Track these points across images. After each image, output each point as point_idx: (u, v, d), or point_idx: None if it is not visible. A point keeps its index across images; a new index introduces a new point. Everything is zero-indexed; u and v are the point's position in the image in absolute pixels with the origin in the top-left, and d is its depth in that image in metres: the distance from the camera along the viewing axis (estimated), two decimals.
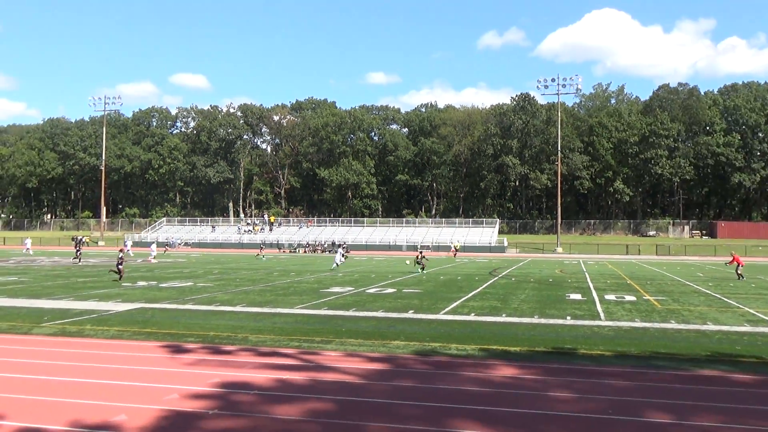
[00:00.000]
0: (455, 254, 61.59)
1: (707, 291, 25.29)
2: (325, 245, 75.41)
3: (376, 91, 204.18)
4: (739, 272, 32.72)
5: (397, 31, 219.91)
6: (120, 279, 26.56)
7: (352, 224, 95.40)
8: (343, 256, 42.05)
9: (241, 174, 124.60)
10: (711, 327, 15.23)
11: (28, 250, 57.21)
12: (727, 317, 17.12)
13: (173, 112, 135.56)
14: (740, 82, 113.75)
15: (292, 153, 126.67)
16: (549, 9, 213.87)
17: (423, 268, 35.41)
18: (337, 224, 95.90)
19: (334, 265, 38.24)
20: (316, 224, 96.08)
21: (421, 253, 38.58)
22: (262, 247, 60.95)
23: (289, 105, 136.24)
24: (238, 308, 17.93)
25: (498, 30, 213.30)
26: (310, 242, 78.35)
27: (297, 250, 73.72)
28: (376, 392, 8.67)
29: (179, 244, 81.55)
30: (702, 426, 7.25)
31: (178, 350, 11.48)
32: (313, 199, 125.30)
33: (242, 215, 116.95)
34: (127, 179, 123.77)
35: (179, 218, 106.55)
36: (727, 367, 10.57)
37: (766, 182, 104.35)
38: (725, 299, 21.97)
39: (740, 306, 19.83)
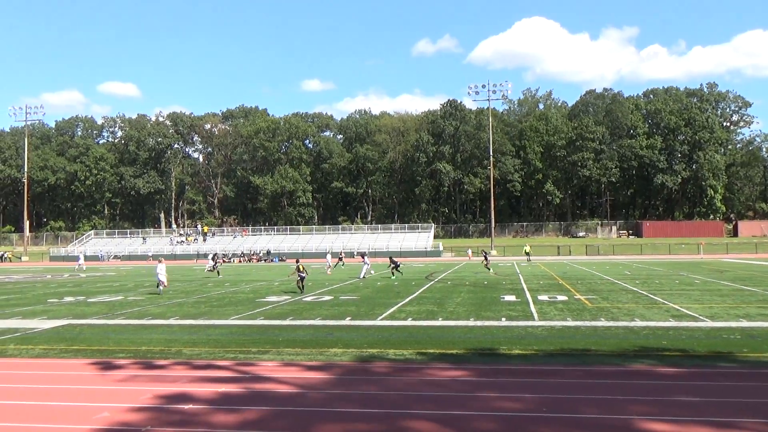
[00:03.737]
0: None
1: (634, 289, 26.20)
2: (261, 254, 74.51)
3: (310, 98, 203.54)
4: None
5: (332, 39, 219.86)
6: None
7: (288, 232, 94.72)
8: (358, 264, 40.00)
9: (173, 184, 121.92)
10: (638, 323, 15.78)
11: (81, 265, 53.68)
12: (654, 313, 17.77)
13: (99, 121, 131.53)
14: (661, 87, 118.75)
15: (225, 162, 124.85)
16: (481, 17, 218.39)
17: (396, 270, 36.85)
18: (273, 232, 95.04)
19: (361, 275, 36.47)
20: (251, 233, 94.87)
21: (391, 258, 39.10)
22: (216, 259, 47.66)
23: (220, 113, 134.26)
24: (171, 321, 17.48)
25: (431, 37, 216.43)
26: (245, 251, 77.25)
27: (232, 259, 72.53)
28: (315, 400, 8.60)
29: (109, 258, 78.99)
30: (631, 419, 7.49)
31: (109, 367, 11.10)
32: (248, 207, 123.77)
33: (174, 226, 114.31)
34: (52, 191, 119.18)
35: (108, 231, 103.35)
36: (653, 361, 10.97)
37: (687, 183, 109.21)
38: (651, 296, 22.81)
39: (665, 302, 20.62)
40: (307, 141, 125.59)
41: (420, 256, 75.48)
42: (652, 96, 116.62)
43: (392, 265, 37.20)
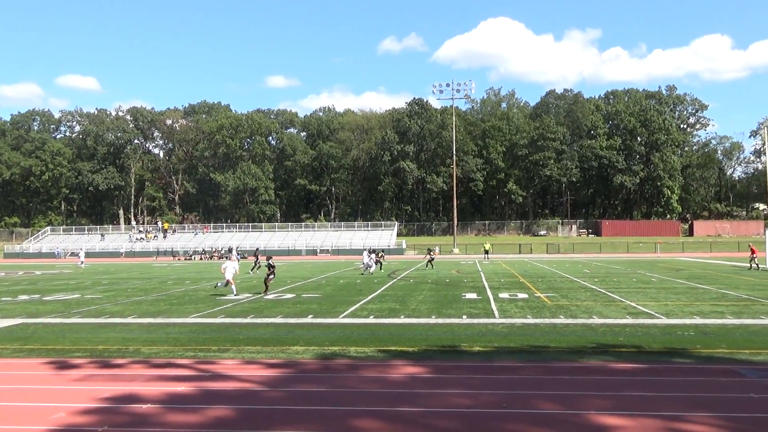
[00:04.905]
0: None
1: (593, 287, 26.66)
2: (222, 251, 73.77)
3: (275, 94, 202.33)
4: (755, 262, 38.41)
5: (298, 35, 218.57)
6: None
7: (250, 229, 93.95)
8: (376, 262, 39.60)
9: (132, 180, 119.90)
10: (596, 320, 16.07)
11: (81, 263, 51.49)
12: (611, 311, 18.12)
13: (57, 115, 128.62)
14: (621, 89, 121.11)
15: (187, 158, 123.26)
16: (446, 16, 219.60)
17: (381, 267, 39.92)
18: (235, 230, 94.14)
19: (367, 270, 37.38)
20: (212, 230, 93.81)
21: (377, 253, 40.48)
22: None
23: (182, 109, 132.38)
24: (129, 320, 17.20)
25: (397, 36, 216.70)
26: (206, 249, 76.38)
27: (193, 257, 71.66)
28: (276, 398, 8.56)
29: (66, 255, 77.34)
30: (587, 413, 7.63)
31: (64, 366, 10.87)
32: (209, 204, 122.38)
33: (134, 223, 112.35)
34: (6, 187, 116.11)
35: (65, 227, 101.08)
36: (610, 358, 11.18)
37: (645, 183, 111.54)
38: (609, 294, 23.24)
39: (623, 300, 21.03)
40: (271, 138, 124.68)
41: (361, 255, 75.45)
42: (612, 97, 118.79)
43: (429, 258, 42.82)
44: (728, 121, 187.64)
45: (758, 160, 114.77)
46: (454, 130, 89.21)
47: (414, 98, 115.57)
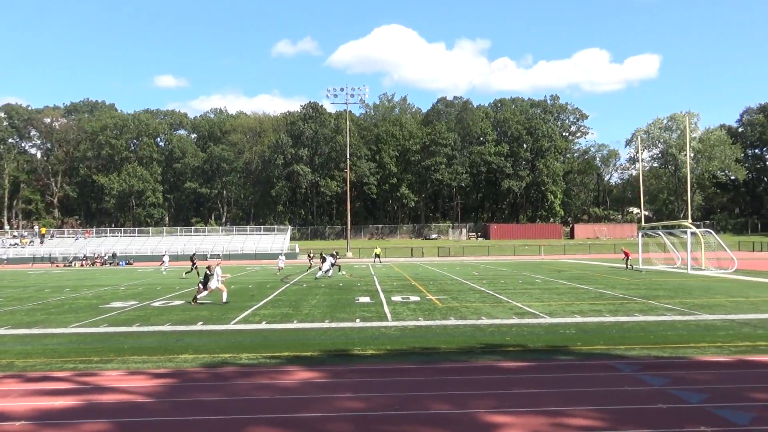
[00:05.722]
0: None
1: (482, 288, 27.49)
2: (106, 257, 70.39)
3: (163, 95, 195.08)
4: (629, 264, 40.38)
5: (188, 34, 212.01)
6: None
7: (136, 234, 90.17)
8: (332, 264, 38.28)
9: (6, 182, 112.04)
10: (485, 321, 16.58)
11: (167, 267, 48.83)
12: (499, 311, 18.76)
13: None
14: (508, 98, 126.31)
15: (67, 159, 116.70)
16: (341, 21, 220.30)
17: (339, 269, 40.30)
18: (120, 234, 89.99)
19: (321, 273, 36.74)
20: (94, 235, 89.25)
21: (332, 256, 38.61)
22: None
23: (62, 107, 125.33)
24: (1, 331, 16.05)
25: (291, 39, 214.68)
26: (87, 255, 72.59)
27: (73, 263, 67.91)
28: (162, 409, 8.24)
29: None
30: (476, 412, 7.86)
31: None
32: (92, 208, 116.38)
33: (7, 227, 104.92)
34: None
35: None
36: (498, 357, 11.57)
37: (531, 188, 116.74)
38: (497, 295, 24.05)
39: (510, 301, 21.83)
40: (159, 139, 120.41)
41: (276, 258, 74.63)
42: (500, 105, 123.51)
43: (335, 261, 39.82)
44: (606, 130, 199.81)
45: (632, 167, 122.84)
46: (348, 135, 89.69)
47: (308, 102, 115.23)
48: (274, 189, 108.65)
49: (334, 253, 40.71)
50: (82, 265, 66.38)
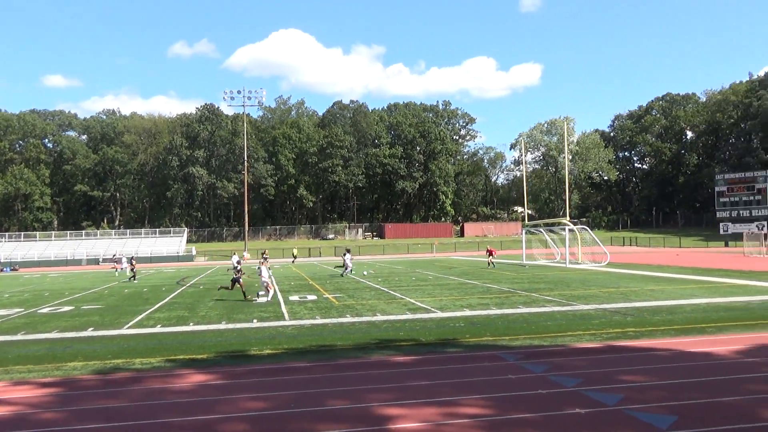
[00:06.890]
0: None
1: (377, 286, 28.01)
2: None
3: (52, 94, 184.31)
4: (492, 262, 41.48)
5: (79, 33, 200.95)
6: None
7: (22, 239, 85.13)
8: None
9: None
10: (380, 317, 17.03)
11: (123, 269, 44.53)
12: (393, 308, 19.27)
13: None
14: (402, 102, 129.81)
15: None
16: (238, 24, 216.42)
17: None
18: (3, 239, 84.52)
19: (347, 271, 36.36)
20: None
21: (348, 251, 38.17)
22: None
23: None
24: None
25: (188, 41, 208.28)
26: None
27: None
28: (48, 420, 8.01)
29: None
30: (371, 406, 8.18)
31: None
32: None
33: None
34: None
35: None
36: (392, 352, 11.99)
37: (424, 188, 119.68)
38: (392, 292, 24.62)
39: (403, 297, 22.43)
40: (47, 140, 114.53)
41: (172, 261, 72.69)
42: (394, 109, 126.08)
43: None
44: (493, 133, 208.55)
45: (517, 168, 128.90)
46: (245, 137, 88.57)
47: (205, 104, 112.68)
48: (169, 191, 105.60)
49: (349, 248, 41.11)
50: None
